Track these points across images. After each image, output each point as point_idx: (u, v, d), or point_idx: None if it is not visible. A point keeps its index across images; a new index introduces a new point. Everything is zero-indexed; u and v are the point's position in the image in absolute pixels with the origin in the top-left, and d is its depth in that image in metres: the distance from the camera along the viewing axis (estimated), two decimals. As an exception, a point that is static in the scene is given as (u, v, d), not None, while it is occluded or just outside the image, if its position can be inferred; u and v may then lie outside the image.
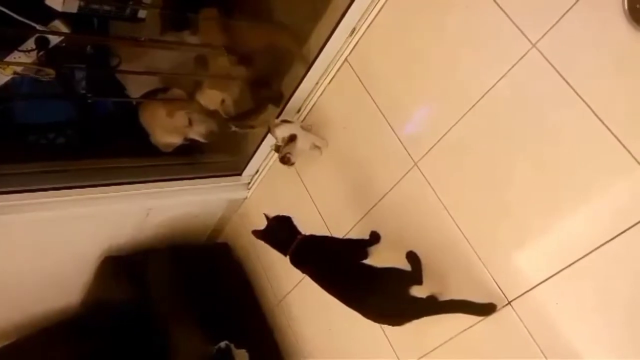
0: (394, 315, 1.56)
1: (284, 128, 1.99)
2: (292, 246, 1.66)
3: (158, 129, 2.02)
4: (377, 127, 1.86)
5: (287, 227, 1.72)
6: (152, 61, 2.02)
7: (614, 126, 1.30)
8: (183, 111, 2.00)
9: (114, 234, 2.28)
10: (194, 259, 2.46)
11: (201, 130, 2.07)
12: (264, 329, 2.43)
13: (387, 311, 1.56)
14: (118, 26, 1.89)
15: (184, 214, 2.46)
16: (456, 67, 1.63)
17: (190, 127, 2.05)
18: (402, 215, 1.82)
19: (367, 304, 1.55)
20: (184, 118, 2.01)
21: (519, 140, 1.50)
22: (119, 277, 2.27)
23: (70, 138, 2.31)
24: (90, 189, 2.00)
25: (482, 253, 1.60)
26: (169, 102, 1.99)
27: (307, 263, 1.68)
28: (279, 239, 1.71)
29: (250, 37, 2.16)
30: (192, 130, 2.06)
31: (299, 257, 1.67)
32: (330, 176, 2.08)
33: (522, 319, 1.50)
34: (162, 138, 2.04)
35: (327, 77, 2.04)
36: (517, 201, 1.52)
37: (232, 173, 2.48)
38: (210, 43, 2.04)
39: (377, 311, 1.56)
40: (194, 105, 2.03)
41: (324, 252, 1.73)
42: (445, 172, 1.69)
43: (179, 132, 2.04)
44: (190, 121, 2.03)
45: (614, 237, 1.32)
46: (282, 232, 1.71)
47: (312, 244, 1.71)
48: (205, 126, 2.08)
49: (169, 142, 2.06)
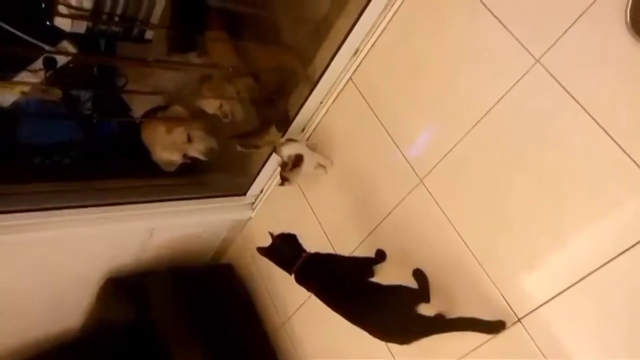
0: (401, 333, 1.53)
1: (290, 147, 1.98)
2: (297, 264, 1.65)
3: (158, 146, 2.01)
4: (381, 144, 1.87)
5: (292, 245, 1.72)
6: (158, 82, 2.03)
7: (620, 139, 1.30)
8: (182, 127, 2.00)
9: (117, 255, 2.27)
10: (197, 280, 2.43)
11: (201, 148, 2.06)
12: (267, 350, 2.39)
13: (394, 329, 1.53)
14: (125, 47, 1.91)
15: (188, 235, 2.45)
16: (460, 84, 1.65)
17: (190, 144, 2.04)
18: (408, 233, 1.81)
19: (374, 322, 1.53)
20: (183, 134, 2.00)
21: (525, 156, 1.50)
22: (121, 299, 2.24)
23: (74, 159, 2.31)
24: (93, 208, 1.99)
25: (490, 270, 1.58)
26: (168, 118, 1.99)
27: (312, 281, 1.67)
28: (284, 256, 1.70)
29: (256, 58, 2.19)
30: (192, 147, 2.05)
31: (304, 274, 1.66)
32: (335, 195, 2.08)
33: (532, 336, 1.48)
34: (162, 155, 2.03)
35: (332, 96, 2.06)
36: (524, 217, 1.51)
37: (236, 193, 2.47)
38: (217, 64, 2.06)
39: (383, 329, 1.54)
40: (194, 122, 2.04)
41: (330, 270, 1.72)
42: (451, 188, 1.69)
43: (178, 149, 2.03)
44: (189, 137, 2.02)
45: (624, 251, 1.30)
46: (287, 250, 1.70)
47: (318, 261, 1.70)
48: (206, 144, 2.07)
49: (169, 159, 2.04)
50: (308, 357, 2.26)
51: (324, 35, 2.05)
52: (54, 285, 2.18)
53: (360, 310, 1.56)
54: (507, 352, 1.53)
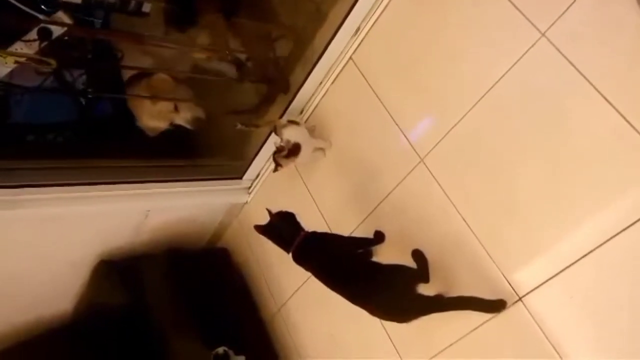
0: (401, 312, 1.52)
1: (290, 130, 1.95)
2: (296, 242, 1.63)
3: (144, 114, 1.98)
4: (382, 124, 1.84)
5: (290, 223, 1.69)
6: (154, 56, 2.00)
7: (628, 113, 1.28)
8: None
9: (111, 236, 2.23)
10: (192, 264, 2.39)
11: (187, 117, 2.04)
12: (263, 335, 2.36)
13: (393, 308, 1.52)
14: (122, 22, 1.88)
15: (183, 218, 2.42)
16: (463, 60, 1.62)
17: (176, 113, 2.02)
18: (408, 213, 1.78)
19: (373, 300, 1.51)
20: (169, 103, 1.98)
21: (529, 133, 1.47)
22: (114, 282, 2.20)
23: (69, 139, 2.27)
24: (88, 186, 1.95)
25: (490, 248, 1.56)
26: (153, 87, 1.95)
27: (310, 260, 1.64)
28: (282, 235, 1.67)
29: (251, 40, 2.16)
30: (178, 115, 2.03)
31: (303, 253, 1.64)
32: (334, 177, 2.05)
33: (533, 315, 1.46)
34: (148, 122, 2.01)
35: (331, 76, 2.03)
36: (527, 195, 1.49)
37: (232, 176, 2.44)
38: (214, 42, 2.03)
39: (383, 308, 1.52)
40: (179, 91, 2.01)
41: (328, 249, 1.69)
42: (453, 167, 1.66)
43: (164, 117, 2.01)
44: (176, 107, 2.00)
45: (627, 226, 1.28)
46: (286, 228, 1.67)
47: (316, 240, 1.68)
48: (192, 113, 2.04)
49: (155, 126, 2.02)
50: (304, 342, 2.24)
51: (324, 14, 2.01)
52: (45, 266, 2.13)
53: (359, 290, 1.54)
54: (507, 331, 1.51)
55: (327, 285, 1.60)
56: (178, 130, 2.25)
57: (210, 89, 2.24)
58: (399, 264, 1.59)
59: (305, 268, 1.65)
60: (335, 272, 1.60)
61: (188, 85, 2.08)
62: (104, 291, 2.24)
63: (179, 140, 2.42)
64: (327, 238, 1.77)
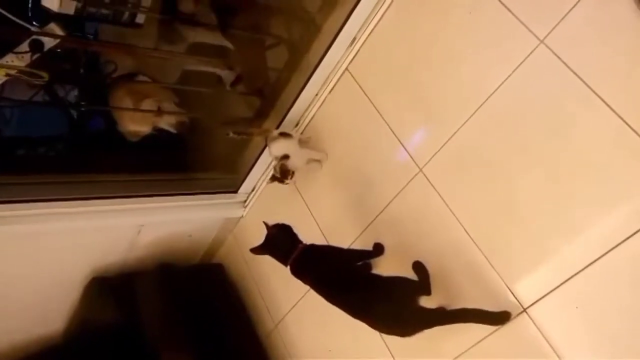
0: (402, 325, 1.47)
1: (279, 144, 1.91)
2: (294, 255, 1.59)
3: (125, 116, 1.93)
4: (379, 134, 1.82)
5: (288, 236, 1.66)
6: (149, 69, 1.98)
7: (629, 119, 1.26)
8: (152, 99, 1.91)
9: (103, 253, 2.18)
10: (186, 280, 2.34)
11: (171, 121, 1.99)
12: (259, 352, 2.30)
13: (394, 321, 1.47)
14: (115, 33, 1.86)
15: (177, 233, 2.37)
16: (461, 68, 1.61)
17: (160, 117, 1.96)
18: (407, 224, 1.75)
19: (373, 314, 1.48)
20: (153, 106, 1.93)
21: (529, 141, 1.46)
22: (107, 299, 2.14)
23: (60, 153, 2.23)
24: (80, 201, 1.90)
25: (493, 259, 1.53)
26: (135, 90, 1.91)
27: (309, 273, 1.61)
28: (280, 248, 1.63)
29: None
30: (162, 119, 1.97)
31: (301, 266, 1.60)
32: (331, 188, 2.02)
33: (539, 327, 1.42)
34: (129, 126, 1.95)
35: (327, 87, 2.01)
36: (529, 204, 1.46)
37: (227, 190, 2.40)
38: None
39: (383, 321, 1.48)
40: (164, 93, 1.97)
41: (327, 261, 1.66)
42: (452, 176, 1.64)
43: (147, 121, 1.95)
44: (159, 110, 1.95)
45: (633, 234, 1.26)
46: (283, 241, 1.64)
47: (315, 253, 1.64)
48: (176, 116, 1.99)
49: (136, 130, 1.97)
50: (300, 358, 2.18)
51: (320, 24, 2.00)
52: (35, 284, 2.07)
53: (359, 303, 1.50)
54: (512, 344, 1.48)
55: (326, 298, 1.56)
56: (171, 142, 2.22)
57: (202, 99, 2.21)
58: (399, 276, 1.56)
59: (304, 281, 1.61)
60: (335, 285, 1.56)
61: (176, 93, 2.04)
62: (96, 309, 2.17)
63: (172, 153, 2.40)
64: (326, 250, 1.73)
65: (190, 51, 2.10)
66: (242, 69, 2.21)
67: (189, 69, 2.19)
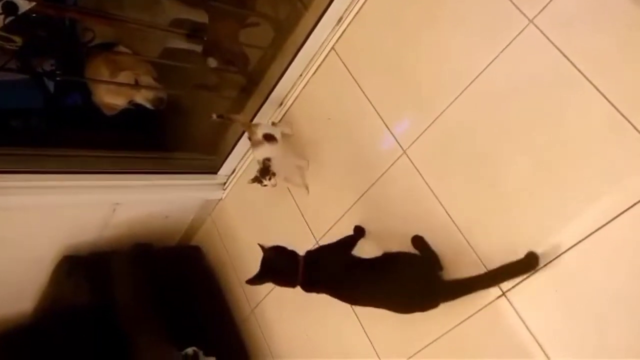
0: (429, 299, 1.44)
1: (264, 150, 1.85)
2: (300, 271, 1.49)
3: (101, 87, 1.85)
4: (364, 115, 1.80)
5: (286, 254, 1.54)
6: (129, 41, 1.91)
7: (621, 105, 1.25)
8: (129, 71, 1.84)
9: (76, 230, 2.10)
10: (162, 261, 2.29)
11: (148, 96, 1.91)
12: (235, 335, 2.26)
13: (422, 298, 1.44)
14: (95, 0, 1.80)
15: (154, 213, 2.31)
16: (448, 49, 1.59)
17: (137, 90, 1.88)
18: (390, 206, 1.73)
19: (402, 296, 1.45)
20: (130, 78, 1.85)
21: (516, 123, 1.44)
22: (79, 278, 2.07)
23: (35, 126, 2.16)
24: (52, 175, 1.84)
25: (473, 241, 1.51)
26: (113, 60, 1.83)
27: (322, 282, 1.52)
28: (283, 269, 1.52)
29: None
30: (139, 93, 1.89)
31: (311, 279, 1.50)
32: (312, 171, 1.99)
33: (517, 309, 1.41)
34: (104, 97, 1.87)
35: (312, 67, 1.97)
36: (513, 187, 1.45)
37: (207, 171, 2.36)
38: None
39: (412, 301, 1.45)
40: (143, 66, 1.90)
41: (331, 261, 1.56)
42: (437, 159, 1.62)
43: (123, 94, 1.87)
44: (137, 83, 1.87)
45: (613, 218, 1.25)
46: (284, 261, 1.53)
47: (316, 259, 1.55)
48: (154, 92, 1.92)
49: (112, 103, 1.89)
50: (278, 343, 2.15)
51: (307, 2, 1.96)
52: (3, 260, 1.98)
53: (383, 290, 1.45)
54: (490, 327, 1.46)
55: (348, 299, 1.55)
56: (151, 120, 2.17)
57: (184, 77, 2.16)
58: (410, 254, 1.53)
59: (319, 292, 1.53)
60: (351, 282, 1.49)
61: (156, 69, 1.98)
62: (68, 288, 2.10)
63: (152, 131, 2.35)
64: (324, 251, 1.65)
65: (171, 25, 2.04)
66: (211, 38, 2.13)
67: (170, 47, 2.14)
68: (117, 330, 1.97)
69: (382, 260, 1.52)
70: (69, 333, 1.98)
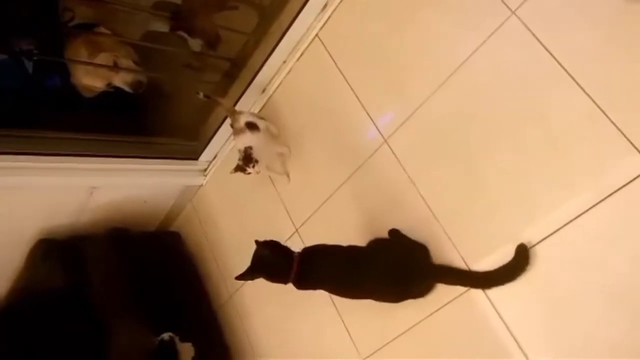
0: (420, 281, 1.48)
1: (245, 138, 1.82)
2: (294, 269, 1.45)
3: (79, 68, 1.82)
4: (346, 103, 1.78)
5: (280, 251, 1.50)
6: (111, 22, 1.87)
7: (601, 101, 1.24)
8: (108, 53, 1.81)
9: (52, 213, 2.07)
10: (140, 247, 2.26)
11: (127, 79, 1.88)
12: (212, 321, 2.26)
13: (419, 284, 1.49)
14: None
15: (133, 198, 2.28)
16: (431, 39, 1.58)
17: (116, 73, 1.85)
18: (369, 196, 1.73)
19: (402, 284, 1.47)
20: (108, 60, 1.82)
21: (497, 116, 1.43)
22: (54, 262, 2.04)
23: (11, 108, 2.10)
24: (28, 156, 1.80)
25: (451, 232, 1.51)
26: (93, 41, 1.80)
27: (317, 279, 1.49)
28: (276, 267, 1.48)
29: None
30: (117, 76, 1.86)
31: (306, 277, 1.47)
32: (293, 158, 1.98)
33: (492, 300, 1.42)
34: (83, 79, 1.84)
35: (296, 54, 1.96)
36: (493, 180, 1.43)
37: (187, 157, 2.33)
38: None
39: (410, 289, 1.49)
40: (123, 49, 1.87)
41: (327, 256, 1.52)
42: (417, 149, 1.61)
43: (101, 76, 1.84)
44: (116, 65, 1.84)
45: (585, 211, 1.26)
46: (277, 259, 1.48)
47: (311, 255, 1.50)
48: (133, 75, 1.89)
49: (90, 84, 1.86)
50: (255, 329, 2.15)
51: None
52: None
53: (381, 280, 1.45)
54: (465, 319, 1.47)
55: (347, 294, 1.55)
56: (131, 103, 2.13)
57: (166, 61, 2.12)
58: (405, 244, 1.55)
59: (315, 288, 1.53)
60: (349, 276, 1.47)
61: (138, 52, 1.95)
62: (42, 272, 2.07)
63: (132, 115, 2.31)
64: (321, 249, 1.56)
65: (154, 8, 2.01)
66: (185, 13, 2.10)
67: (153, 30, 2.10)
68: (92, 315, 1.94)
69: (372, 250, 1.52)
70: (43, 317, 1.95)
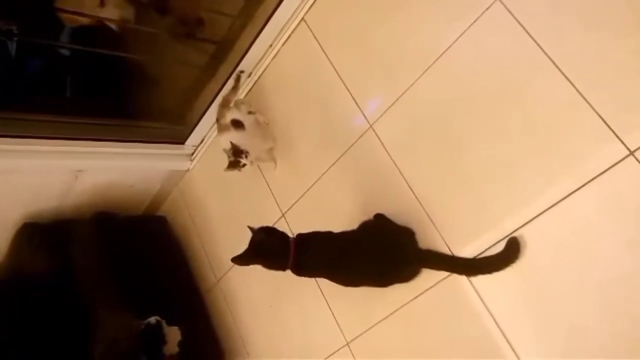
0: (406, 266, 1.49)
1: (230, 136, 1.78)
2: (291, 255, 1.43)
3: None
4: (332, 88, 1.78)
5: (277, 237, 1.49)
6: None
7: (582, 87, 1.25)
8: None
9: (36, 197, 2.05)
10: (126, 231, 2.25)
11: (114, 14, 1.87)
12: (199, 306, 2.27)
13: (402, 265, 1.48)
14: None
15: (118, 182, 2.27)
16: (416, 24, 1.58)
17: (102, 7, 1.85)
18: (355, 181, 1.73)
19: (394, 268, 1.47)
20: None
21: (480, 102, 1.44)
22: (38, 246, 2.03)
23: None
24: (12, 139, 1.79)
25: (435, 217, 1.53)
26: None
27: (315, 264, 1.48)
28: (273, 252, 1.46)
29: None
30: (104, 10, 1.86)
31: (304, 262, 1.45)
32: (280, 144, 1.97)
33: (473, 284, 1.44)
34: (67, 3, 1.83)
35: (282, 38, 1.94)
36: (477, 165, 1.44)
37: (174, 141, 2.32)
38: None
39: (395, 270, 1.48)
40: None
41: (322, 241, 1.51)
42: (402, 134, 1.61)
43: (87, 5, 1.84)
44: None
45: (570, 193, 1.28)
46: (275, 244, 1.47)
47: (307, 240, 1.49)
48: (120, 11, 1.88)
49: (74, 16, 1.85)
50: (242, 313, 2.17)
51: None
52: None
53: (372, 267, 1.45)
54: (448, 303, 1.49)
55: (345, 282, 1.53)
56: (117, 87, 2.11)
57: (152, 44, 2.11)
58: (390, 228, 1.54)
59: (312, 275, 1.53)
60: (346, 261, 1.46)
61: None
62: (26, 256, 2.05)
63: (117, 98, 2.29)
64: (316, 235, 1.54)
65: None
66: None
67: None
68: (78, 300, 1.94)
69: (360, 236, 1.52)
70: (28, 301, 1.95)
